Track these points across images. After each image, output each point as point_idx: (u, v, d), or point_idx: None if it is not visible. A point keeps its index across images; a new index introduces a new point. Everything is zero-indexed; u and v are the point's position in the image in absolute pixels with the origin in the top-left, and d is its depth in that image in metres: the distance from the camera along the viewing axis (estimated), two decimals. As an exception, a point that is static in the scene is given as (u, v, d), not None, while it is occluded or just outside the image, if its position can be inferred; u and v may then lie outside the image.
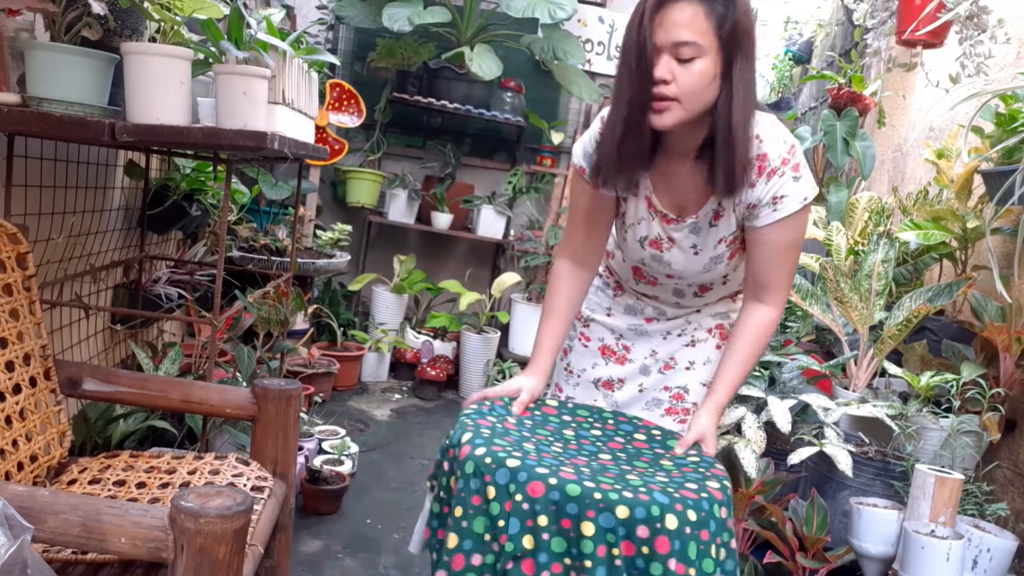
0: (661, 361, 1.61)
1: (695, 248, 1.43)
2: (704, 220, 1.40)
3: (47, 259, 1.86)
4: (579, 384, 1.66)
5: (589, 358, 1.66)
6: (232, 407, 1.54)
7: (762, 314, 1.43)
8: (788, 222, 1.34)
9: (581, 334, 1.68)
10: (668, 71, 1.22)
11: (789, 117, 3.64)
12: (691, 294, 1.57)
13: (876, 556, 1.85)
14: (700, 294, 1.57)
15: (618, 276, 1.67)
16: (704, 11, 1.21)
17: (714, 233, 1.41)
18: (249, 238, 3.29)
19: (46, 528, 0.94)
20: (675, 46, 1.21)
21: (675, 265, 1.47)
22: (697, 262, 1.45)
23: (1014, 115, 1.97)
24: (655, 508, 1.11)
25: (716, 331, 1.60)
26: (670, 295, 1.59)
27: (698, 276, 1.49)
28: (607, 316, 1.66)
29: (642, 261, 1.51)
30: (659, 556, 1.10)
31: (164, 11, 1.57)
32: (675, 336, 1.62)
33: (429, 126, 4.56)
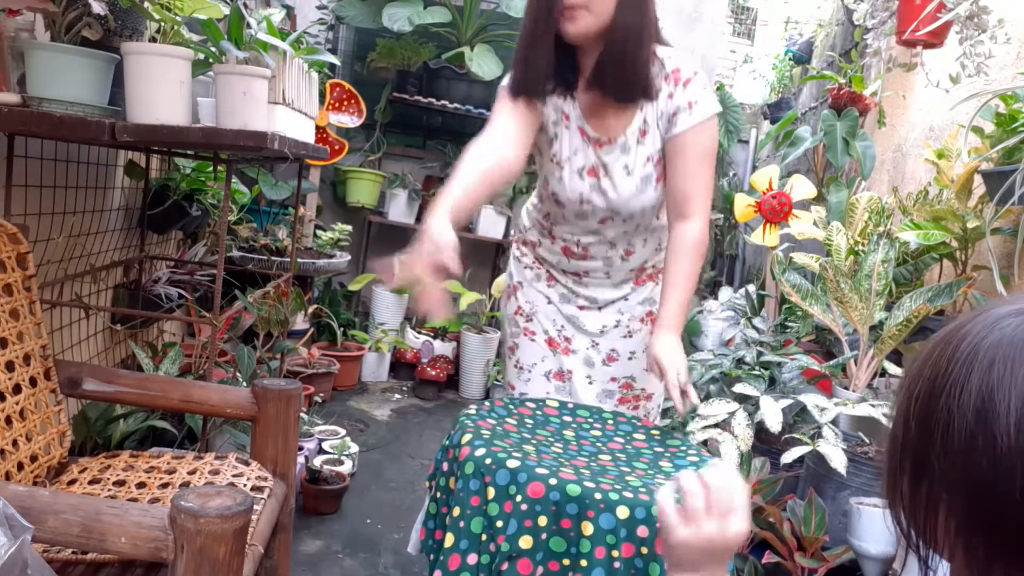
0: (603, 352, 1.67)
1: (627, 168, 1.52)
2: (632, 139, 1.51)
3: (47, 259, 1.86)
4: (531, 380, 1.69)
5: (538, 352, 1.69)
6: (232, 407, 1.54)
7: (690, 228, 1.50)
8: (703, 128, 1.46)
9: (525, 329, 1.71)
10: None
11: (789, 117, 3.64)
12: (619, 258, 1.64)
13: (876, 556, 1.85)
14: (626, 258, 1.64)
15: (549, 264, 1.71)
16: None
17: (642, 151, 1.51)
18: (249, 238, 3.29)
19: (46, 528, 0.94)
20: None
21: (611, 194, 1.53)
22: (630, 183, 1.53)
23: (1014, 115, 1.97)
24: (655, 508, 1.11)
25: (647, 319, 1.69)
26: (600, 266, 1.64)
27: (630, 203, 1.55)
28: (548, 304, 1.70)
29: (581, 198, 1.56)
30: (659, 556, 1.10)
31: (164, 11, 1.57)
32: (611, 328, 1.67)
33: (429, 126, 4.56)
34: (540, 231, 1.70)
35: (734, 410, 2.08)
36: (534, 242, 1.74)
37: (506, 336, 1.78)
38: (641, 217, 1.59)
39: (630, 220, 1.59)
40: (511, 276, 1.79)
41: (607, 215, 1.57)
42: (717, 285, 4.78)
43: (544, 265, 1.73)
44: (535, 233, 1.73)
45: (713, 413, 2.10)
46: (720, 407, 2.12)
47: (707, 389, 2.42)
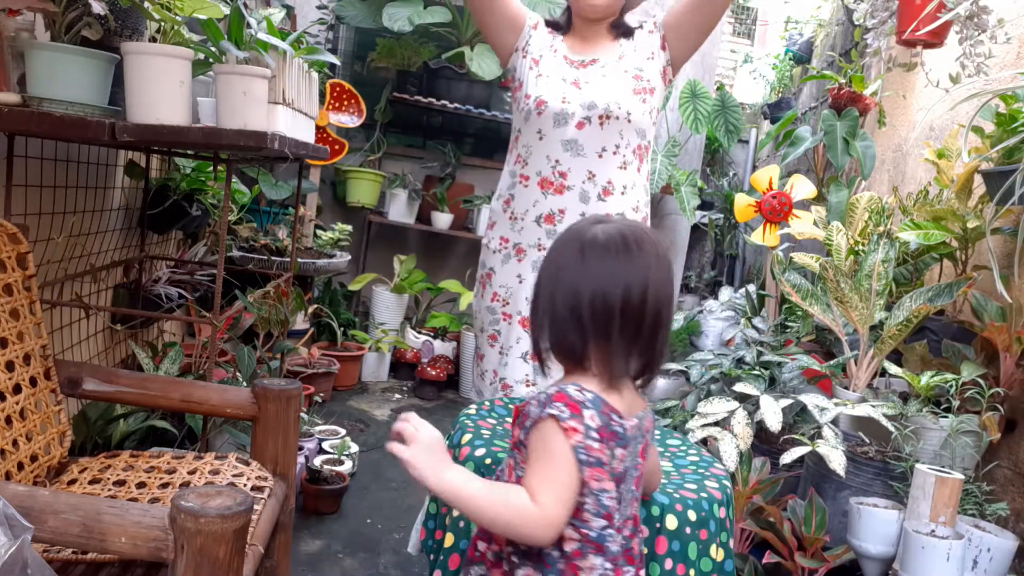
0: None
1: (603, 74, 1.69)
2: (612, 58, 1.70)
3: (47, 259, 1.86)
4: (507, 363, 1.70)
5: (513, 333, 1.73)
6: (232, 407, 1.54)
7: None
8: None
9: (504, 314, 1.75)
10: None
11: (789, 117, 3.65)
12: (596, 196, 1.69)
13: (876, 556, 1.85)
14: (603, 197, 1.69)
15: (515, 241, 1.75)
16: None
17: (619, 64, 1.69)
18: (249, 238, 3.29)
19: (46, 528, 0.94)
20: None
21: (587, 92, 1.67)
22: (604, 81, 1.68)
23: (1014, 115, 1.97)
24: (655, 508, 1.11)
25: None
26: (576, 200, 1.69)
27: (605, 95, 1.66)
28: (520, 283, 1.74)
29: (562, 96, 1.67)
30: (658, 556, 1.10)
31: (164, 11, 1.57)
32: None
33: (429, 126, 4.56)
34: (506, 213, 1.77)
35: (734, 409, 2.08)
36: (495, 223, 1.81)
37: (484, 327, 1.79)
38: (618, 124, 1.66)
39: (607, 125, 1.65)
40: (482, 266, 1.83)
41: (585, 116, 1.65)
42: (717, 285, 4.78)
43: (509, 242, 1.76)
44: (500, 216, 1.80)
45: (713, 412, 2.10)
46: (720, 406, 2.12)
47: (707, 388, 2.42)
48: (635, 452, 0.97)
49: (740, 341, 2.83)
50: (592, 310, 0.93)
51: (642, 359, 0.97)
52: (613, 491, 0.93)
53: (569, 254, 0.97)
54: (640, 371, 0.98)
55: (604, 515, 0.92)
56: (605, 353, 0.94)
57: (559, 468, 0.89)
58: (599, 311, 0.93)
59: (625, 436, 0.94)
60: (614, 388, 0.96)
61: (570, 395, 0.91)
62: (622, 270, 0.94)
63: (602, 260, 0.95)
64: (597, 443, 0.91)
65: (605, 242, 0.96)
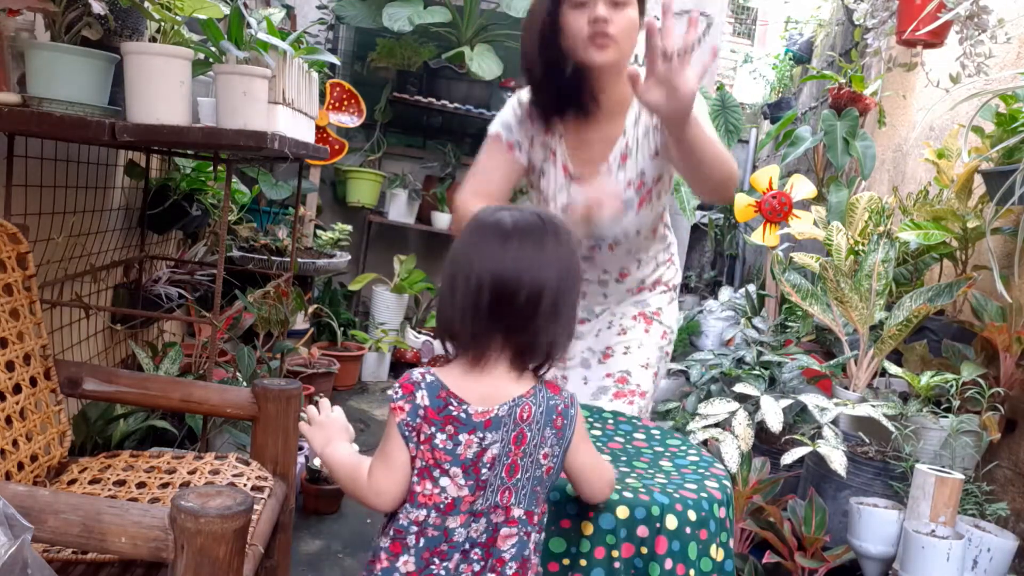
0: (599, 352, 1.68)
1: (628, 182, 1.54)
2: (614, 163, 1.53)
3: (47, 259, 1.86)
4: None
5: None
6: (232, 407, 1.54)
7: None
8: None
9: None
10: (607, 11, 1.38)
11: (789, 117, 3.65)
12: (614, 280, 1.65)
13: (876, 556, 1.85)
14: (621, 280, 1.65)
15: None
16: None
17: (622, 176, 1.53)
18: (249, 238, 3.29)
19: (46, 528, 0.94)
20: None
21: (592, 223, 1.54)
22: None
23: (1014, 115, 1.97)
24: (655, 508, 1.11)
25: (640, 318, 1.69)
26: (597, 288, 1.66)
27: (612, 228, 1.55)
28: None
29: None
30: (658, 556, 1.10)
31: (164, 11, 1.57)
32: (605, 329, 1.69)
33: (429, 126, 4.56)
34: None
35: (734, 410, 2.08)
36: None
37: None
38: (626, 240, 1.59)
39: (617, 246, 1.60)
40: None
41: (594, 243, 1.59)
42: (717, 285, 4.78)
43: None
44: None
45: (713, 413, 2.10)
46: (720, 407, 2.12)
47: (707, 389, 2.42)
48: (506, 440, 0.96)
49: (740, 341, 2.83)
50: (452, 292, 0.97)
51: (514, 346, 0.97)
52: (459, 475, 0.95)
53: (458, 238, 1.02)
54: (518, 358, 0.98)
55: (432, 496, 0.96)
56: (463, 336, 0.98)
57: (389, 444, 0.97)
58: (459, 294, 0.96)
59: (470, 422, 0.94)
60: (475, 373, 0.97)
61: (411, 377, 0.97)
62: (485, 256, 0.96)
63: (471, 244, 0.98)
64: (423, 422, 0.94)
65: (479, 227, 0.99)
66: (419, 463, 0.95)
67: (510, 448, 0.96)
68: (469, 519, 0.96)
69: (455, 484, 0.95)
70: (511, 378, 0.98)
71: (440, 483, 0.95)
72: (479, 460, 0.95)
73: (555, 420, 0.99)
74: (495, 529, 0.97)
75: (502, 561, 0.97)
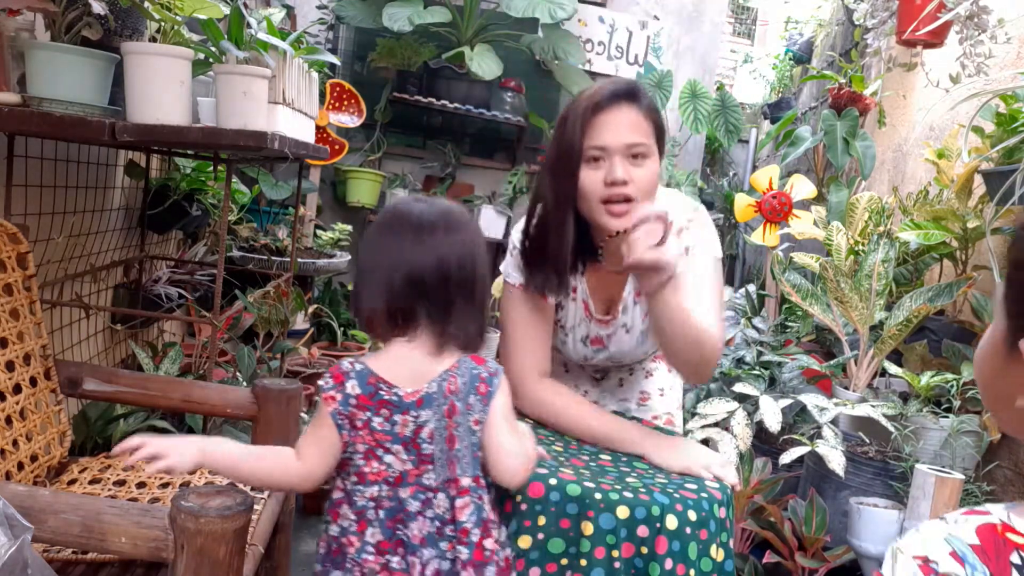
0: (634, 399, 1.58)
1: (626, 327, 1.42)
2: (629, 300, 1.40)
3: (47, 259, 1.86)
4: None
5: None
6: (232, 407, 1.54)
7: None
8: (698, 262, 1.31)
9: None
10: (626, 172, 1.23)
11: (789, 117, 3.65)
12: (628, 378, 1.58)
13: (876, 556, 1.85)
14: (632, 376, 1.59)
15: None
16: (643, 113, 1.26)
17: (640, 309, 1.41)
18: (249, 238, 3.29)
19: (46, 528, 0.94)
20: (628, 147, 1.24)
21: (613, 349, 1.45)
22: (631, 339, 1.43)
23: (1014, 115, 1.97)
24: (655, 508, 1.11)
25: (658, 359, 1.60)
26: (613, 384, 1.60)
27: (633, 352, 1.47)
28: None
29: (585, 357, 1.49)
30: (658, 556, 1.10)
31: (164, 11, 1.57)
32: (629, 376, 1.59)
33: (429, 126, 4.56)
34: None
35: (734, 409, 2.08)
36: None
37: None
38: (643, 361, 1.55)
39: (635, 364, 1.55)
40: None
41: (609, 365, 1.53)
42: (717, 285, 4.77)
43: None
44: None
45: (712, 412, 2.10)
46: (720, 406, 2.12)
47: (707, 388, 2.42)
48: (440, 414, 1.02)
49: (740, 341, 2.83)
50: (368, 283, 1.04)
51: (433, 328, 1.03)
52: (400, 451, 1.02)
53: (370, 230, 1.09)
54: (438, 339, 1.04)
55: (356, 474, 1.03)
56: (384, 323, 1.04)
57: (322, 429, 1.03)
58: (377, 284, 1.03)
59: (403, 404, 1.01)
60: (401, 357, 1.04)
61: (341, 367, 1.04)
62: (398, 247, 1.03)
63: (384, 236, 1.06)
64: (356, 410, 1.01)
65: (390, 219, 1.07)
66: (362, 446, 1.02)
67: (445, 421, 1.02)
68: (418, 491, 1.03)
69: (399, 460, 1.02)
70: (434, 357, 1.04)
71: (385, 460, 1.02)
72: (417, 436, 1.02)
73: (478, 387, 1.05)
74: (453, 503, 1.03)
75: (466, 531, 1.02)
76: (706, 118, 4.23)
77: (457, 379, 1.04)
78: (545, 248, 1.32)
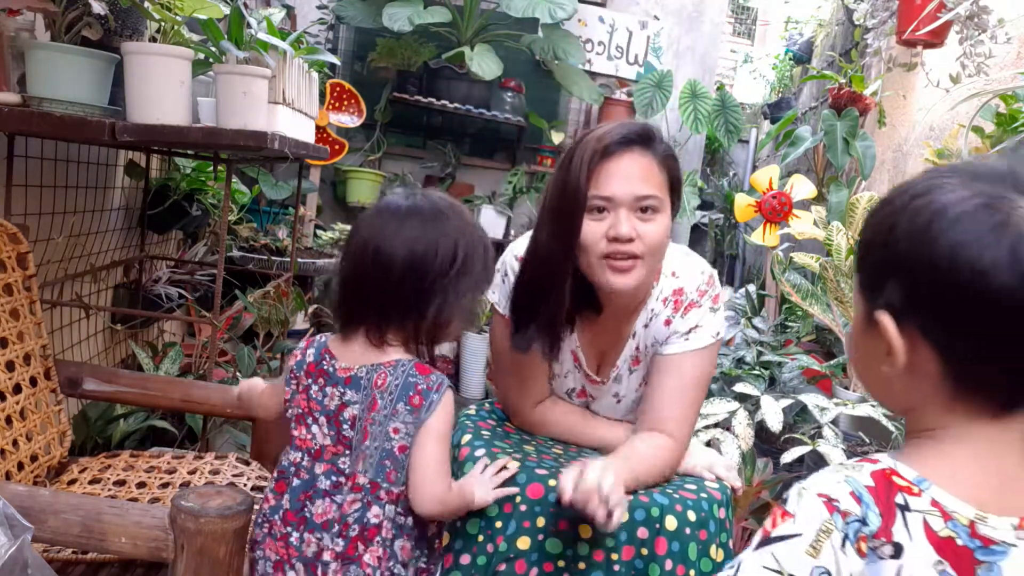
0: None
1: (617, 396, 1.33)
2: (624, 368, 1.30)
3: (47, 259, 1.86)
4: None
5: None
6: (232, 407, 1.53)
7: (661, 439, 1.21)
8: (699, 354, 1.23)
9: None
10: (632, 228, 1.11)
11: (789, 117, 3.65)
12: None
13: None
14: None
15: None
16: (657, 161, 1.14)
17: (635, 378, 1.31)
18: (249, 238, 3.29)
19: (46, 528, 0.94)
20: (637, 200, 1.11)
21: (601, 411, 1.37)
22: (621, 408, 1.35)
23: (1014, 115, 1.97)
24: (655, 509, 1.11)
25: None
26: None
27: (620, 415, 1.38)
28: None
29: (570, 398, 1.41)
30: (658, 557, 1.10)
31: (164, 11, 1.56)
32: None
33: (429, 126, 4.56)
34: None
35: (734, 409, 2.08)
36: None
37: None
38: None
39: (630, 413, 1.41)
40: None
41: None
42: (717, 285, 4.78)
43: None
44: None
45: (713, 412, 2.10)
46: (720, 406, 2.12)
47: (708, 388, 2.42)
48: (363, 403, 1.04)
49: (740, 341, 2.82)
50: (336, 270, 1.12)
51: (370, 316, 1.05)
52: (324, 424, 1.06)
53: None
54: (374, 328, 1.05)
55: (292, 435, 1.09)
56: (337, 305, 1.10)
57: (281, 377, 1.14)
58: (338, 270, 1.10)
59: (335, 376, 1.05)
60: (347, 338, 1.08)
61: (314, 335, 1.12)
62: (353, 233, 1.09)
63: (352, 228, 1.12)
64: (304, 374, 1.08)
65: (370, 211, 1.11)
66: (296, 410, 1.09)
67: (365, 412, 1.03)
68: (331, 471, 1.05)
69: (321, 432, 1.06)
70: (373, 346, 1.06)
71: (312, 430, 1.07)
72: (340, 414, 1.05)
73: (411, 397, 1.02)
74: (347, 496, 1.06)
75: (347, 525, 1.04)
76: (706, 118, 4.23)
77: (388, 377, 1.03)
78: (536, 308, 1.19)
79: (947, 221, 0.61)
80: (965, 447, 0.65)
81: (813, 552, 0.62)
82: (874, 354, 0.69)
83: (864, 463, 0.66)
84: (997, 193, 0.62)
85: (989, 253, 0.59)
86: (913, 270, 0.63)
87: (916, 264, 0.63)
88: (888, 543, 0.62)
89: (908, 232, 0.63)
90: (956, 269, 0.60)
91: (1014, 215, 0.60)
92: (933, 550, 0.62)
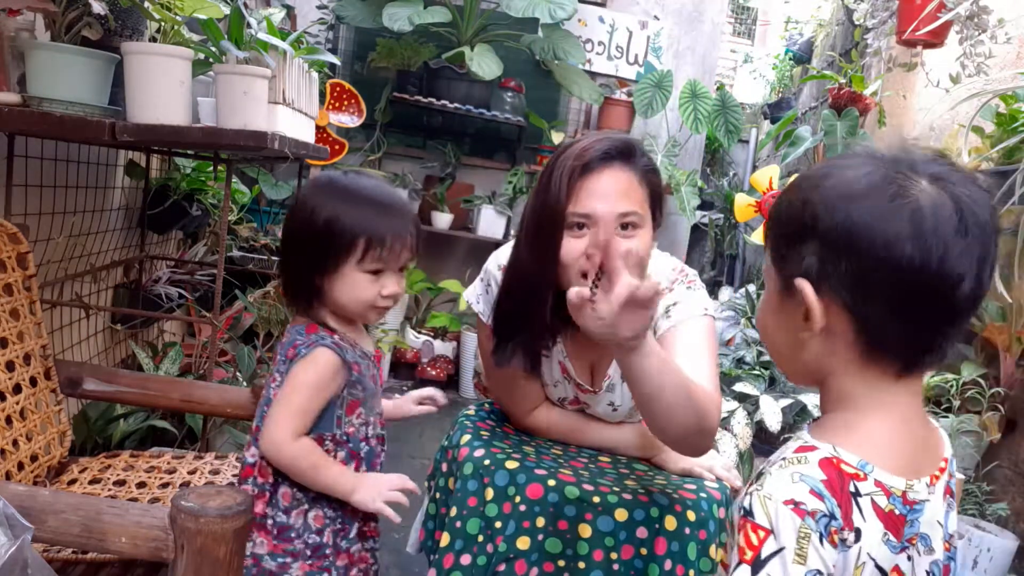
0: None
1: (612, 405, 1.31)
2: (616, 377, 1.27)
3: (47, 259, 1.86)
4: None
5: None
6: (232, 407, 1.54)
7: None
8: (689, 325, 1.19)
9: None
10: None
11: (789, 117, 3.65)
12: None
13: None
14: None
15: None
16: (638, 177, 1.12)
17: (627, 388, 1.26)
18: (249, 238, 3.29)
19: (46, 528, 0.94)
20: (618, 217, 1.09)
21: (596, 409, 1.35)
22: (617, 415, 1.34)
23: (1014, 115, 1.97)
24: (654, 510, 1.11)
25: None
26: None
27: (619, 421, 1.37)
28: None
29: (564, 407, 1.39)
30: (657, 557, 1.10)
31: (164, 11, 1.57)
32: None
33: (429, 126, 4.56)
34: None
35: (734, 409, 2.08)
36: None
37: None
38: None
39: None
40: None
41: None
42: (717, 285, 4.78)
43: None
44: None
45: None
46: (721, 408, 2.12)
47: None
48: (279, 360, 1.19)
49: (740, 341, 2.83)
50: None
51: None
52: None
53: None
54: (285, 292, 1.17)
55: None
56: None
57: None
58: None
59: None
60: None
61: None
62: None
63: None
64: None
65: None
66: None
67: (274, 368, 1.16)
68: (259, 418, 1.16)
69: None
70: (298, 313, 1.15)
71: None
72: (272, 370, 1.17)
73: (288, 351, 1.11)
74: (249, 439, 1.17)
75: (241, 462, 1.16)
76: (706, 118, 4.23)
77: (286, 337, 1.14)
78: (516, 326, 1.17)
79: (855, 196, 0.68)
80: (884, 417, 0.70)
81: (801, 560, 0.64)
82: (792, 321, 0.72)
83: (804, 452, 0.69)
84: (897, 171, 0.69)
85: (892, 225, 0.65)
86: (826, 240, 0.68)
87: (828, 235, 0.68)
88: (850, 531, 0.66)
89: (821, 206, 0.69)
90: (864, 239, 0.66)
91: (911, 189, 0.67)
92: (882, 525, 0.67)
